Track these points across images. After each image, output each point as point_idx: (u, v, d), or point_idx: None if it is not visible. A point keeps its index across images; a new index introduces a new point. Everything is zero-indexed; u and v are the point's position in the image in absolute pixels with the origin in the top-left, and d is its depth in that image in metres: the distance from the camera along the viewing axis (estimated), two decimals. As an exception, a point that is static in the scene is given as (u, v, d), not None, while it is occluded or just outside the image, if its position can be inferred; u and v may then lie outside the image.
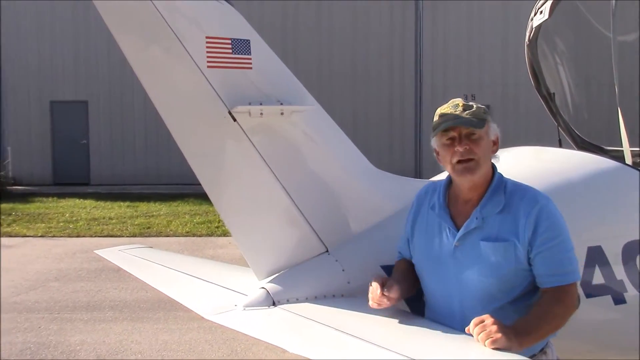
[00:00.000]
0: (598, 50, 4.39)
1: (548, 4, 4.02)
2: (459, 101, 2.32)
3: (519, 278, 2.26)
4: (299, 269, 2.65)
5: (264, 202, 2.61)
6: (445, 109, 2.32)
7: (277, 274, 2.65)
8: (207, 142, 2.48)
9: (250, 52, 2.47)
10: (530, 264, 2.24)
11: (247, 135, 2.50)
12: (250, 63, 2.48)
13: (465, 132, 2.26)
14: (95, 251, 4.12)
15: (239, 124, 2.47)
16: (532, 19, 4.22)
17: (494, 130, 2.33)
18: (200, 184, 2.53)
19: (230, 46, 2.42)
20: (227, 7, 2.45)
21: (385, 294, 2.29)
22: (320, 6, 19.97)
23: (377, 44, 20.02)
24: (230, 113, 2.45)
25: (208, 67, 2.38)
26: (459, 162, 2.26)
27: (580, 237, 2.87)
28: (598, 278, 2.96)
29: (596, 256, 2.95)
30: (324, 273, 2.64)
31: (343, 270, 2.64)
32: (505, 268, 2.23)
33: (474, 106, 2.29)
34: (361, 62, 20.04)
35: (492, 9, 19.91)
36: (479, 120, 2.25)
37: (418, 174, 19.09)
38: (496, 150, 2.35)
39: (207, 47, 2.38)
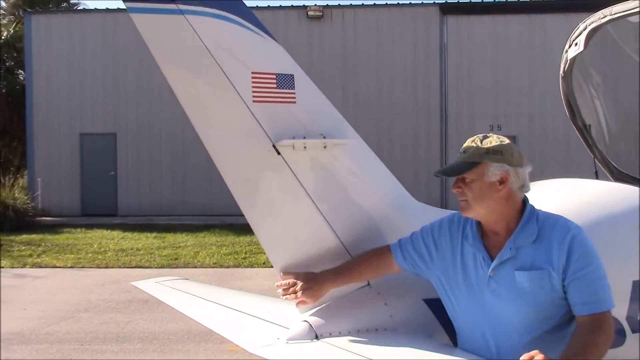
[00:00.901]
0: (633, 81, 4.36)
1: (583, 36, 4.02)
2: (470, 140, 2.39)
3: (555, 307, 2.26)
4: (341, 302, 2.64)
5: (306, 234, 2.61)
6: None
7: (319, 307, 2.64)
8: (251, 174, 2.49)
9: (294, 87, 2.51)
10: (565, 292, 2.24)
11: (290, 168, 2.52)
12: (294, 97, 2.51)
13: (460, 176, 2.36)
14: (132, 283, 4.15)
15: (282, 157, 2.50)
16: (566, 51, 4.22)
17: (497, 170, 2.29)
18: (225, 215, 2.55)
19: (275, 81, 2.46)
20: (272, 42, 2.49)
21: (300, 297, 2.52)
22: (345, 36, 20.19)
23: (402, 77, 20.09)
24: (274, 146, 2.47)
25: (253, 101, 2.42)
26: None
27: (624, 271, 2.84)
28: (645, 313, 2.90)
29: (642, 290, 2.89)
30: (367, 306, 2.63)
31: (385, 303, 2.63)
32: (541, 297, 2.24)
33: (473, 148, 2.33)
34: (386, 95, 20.11)
35: (518, 39, 19.92)
36: (467, 165, 2.31)
37: (444, 204, 18.99)
38: (502, 190, 2.31)
39: (253, 82, 2.41)
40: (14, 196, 17.74)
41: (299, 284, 2.54)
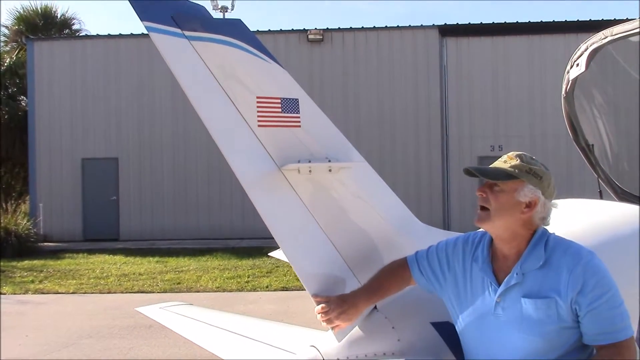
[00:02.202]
0: (635, 100, 4.38)
1: (584, 57, 4.04)
2: (512, 154, 2.34)
3: (563, 337, 2.20)
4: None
5: (316, 257, 2.59)
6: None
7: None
8: (264, 198, 2.48)
9: (299, 111, 2.51)
10: (577, 322, 2.18)
11: (295, 191, 2.52)
12: (299, 121, 2.52)
13: (489, 182, 2.29)
14: (136, 309, 4.13)
15: (287, 181, 2.49)
16: (568, 72, 4.24)
17: (530, 192, 2.25)
18: (227, 239, 2.54)
19: (279, 105, 2.47)
20: (276, 66, 2.50)
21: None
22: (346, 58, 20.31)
23: (403, 99, 20.15)
24: (280, 170, 2.47)
25: (259, 126, 2.42)
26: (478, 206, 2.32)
27: (635, 292, 2.82)
28: (656, 334, 2.87)
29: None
30: (374, 330, 2.60)
31: (393, 327, 2.60)
32: (548, 326, 2.18)
33: (517, 161, 2.29)
34: (387, 118, 20.16)
35: (517, 60, 20.03)
36: (505, 174, 2.26)
37: (446, 226, 18.94)
38: (527, 213, 2.26)
39: (258, 106, 2.42)
40: (16, 222, 17.71)
41: (333, 309, 2.47)
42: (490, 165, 2.35)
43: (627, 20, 3.92)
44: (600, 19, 17.96)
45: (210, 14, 2.43)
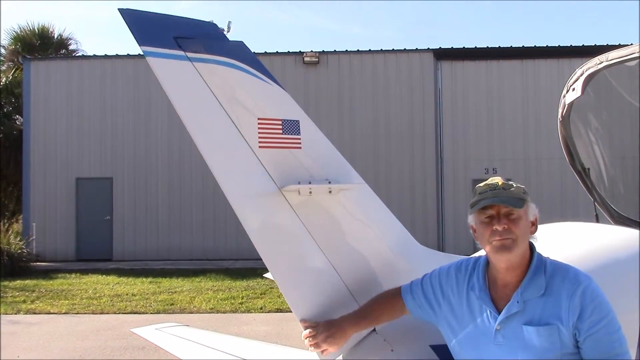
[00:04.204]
0: (630, 125, 4.42)
1: (580, 82, 4.08)
2: (499, 179, 2.34)
3: None
4: (348, 348, 2.61)
5: (314, 279, 2.59)
6: (484, 186, 2.33)
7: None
8: (261, 219, 2.48)
9: (299, 133, 2.53)
10: (577, 347, 2.19)
11: (295, 212, 2.52)
12: (300, 143, 2.53)
13: (504, 211, 2.26)
14: (131, 329, 4.09)
15: (288, 202, 2.50)
16: (564, 96, 4.28)
17: (532, 210, 2.33)
18: (221, 260, 2.52)
19: (280, 127, 2.48)
20: (278, 88, 2.52)
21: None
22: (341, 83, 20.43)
23: (398, 122, 20.25)
24: (280, 191, 2.47)
25: (260, 147, 2.43)
26: (498, 239, 2.25)
27: (632, 315, 2.82)
28: (653, 358, 2.87)
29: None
30: (373, 353, 2.60)
31: (392, 350, 2.59)
32: (550, 353, 2.18)
33: (514, 185, 2.31)
34: (382, 138, 20.24)
35: (511, 84, 20.19)
36: (518, 200, 2.26)
37: (441, 249, 18.92)
38: (534, 231, 2.34)
39: (259, 128, 2.43)
40: (8, 241, 17.59)
41: (321, 332, 2.48)
42: (492, 193, 2.29)
43: (620, 45, 3.98)
44: (593, 44, 18.18)
45: (222, 31, 2.44)
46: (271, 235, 2.52)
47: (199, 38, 2.34)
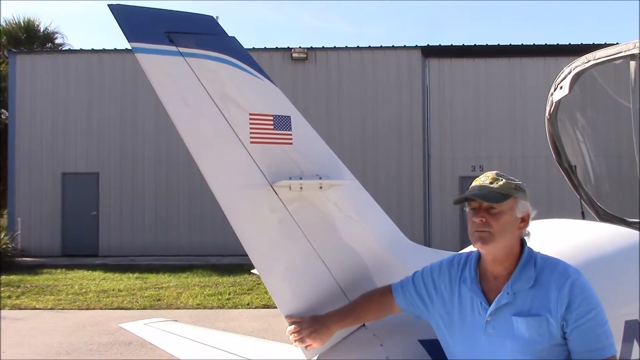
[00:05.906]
0: (618, 122, 4.46)
1: (568, 80, 4.12)
2: (491, 174, 2.37)
3: (553, 354, 2.24)
4: (336, 344, 2.62)
5: (304, 276, 2.60)
6: (477, 180, 2.40)
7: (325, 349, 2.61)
8: (250, 215, 2.48)
9: (290, 128, 2.53)
10: (565, 339, 2.23)
11: (285, 207, 2.53)
12: (291, 139, 2.53)
13: (485, 205, 2.32)
14: (120, 324, 4.09)
15: (278, 197, 2.50)
16: (552, 94, 4.32)
17: (523, 207, 2.35)
18: (208, 256, 2.52)
19: (272, 122, 2.48)
20: (269, 84, 2.52)
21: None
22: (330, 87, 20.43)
23: (385, 119, 20.28)
24: (271, 186, 2.48)
25: (251, 142, 2.43)
26: (476, 230, 2.32)
27: (617, 311, 2.86)
28: (636, 353, 2.92)
29: (634, 330, 2.91)
30: (362, 348, 2.61)
31: (381, 345, 2.61)
32: (539, 344, 2.22)
33: (503, 181, 2.34)
34: (369, 137, 20.26)
35: (498, 81, 20.28)
36: (500, 195, 2.30)
37: (428, 244, 19.00)
38: (523, 228, 2.36)
39: (250, 123, 2.43)
40: (-7, 236, 17.47)
41: (305, 328, 2.51)
42: (476, 187, 2.37)
43: (606, 45, 4.02)
44: (580, 43, 18.27)
45: (220, 25, 2.43)
46: (260, 231, 2.53)
47: (193, 33, 2.34)
